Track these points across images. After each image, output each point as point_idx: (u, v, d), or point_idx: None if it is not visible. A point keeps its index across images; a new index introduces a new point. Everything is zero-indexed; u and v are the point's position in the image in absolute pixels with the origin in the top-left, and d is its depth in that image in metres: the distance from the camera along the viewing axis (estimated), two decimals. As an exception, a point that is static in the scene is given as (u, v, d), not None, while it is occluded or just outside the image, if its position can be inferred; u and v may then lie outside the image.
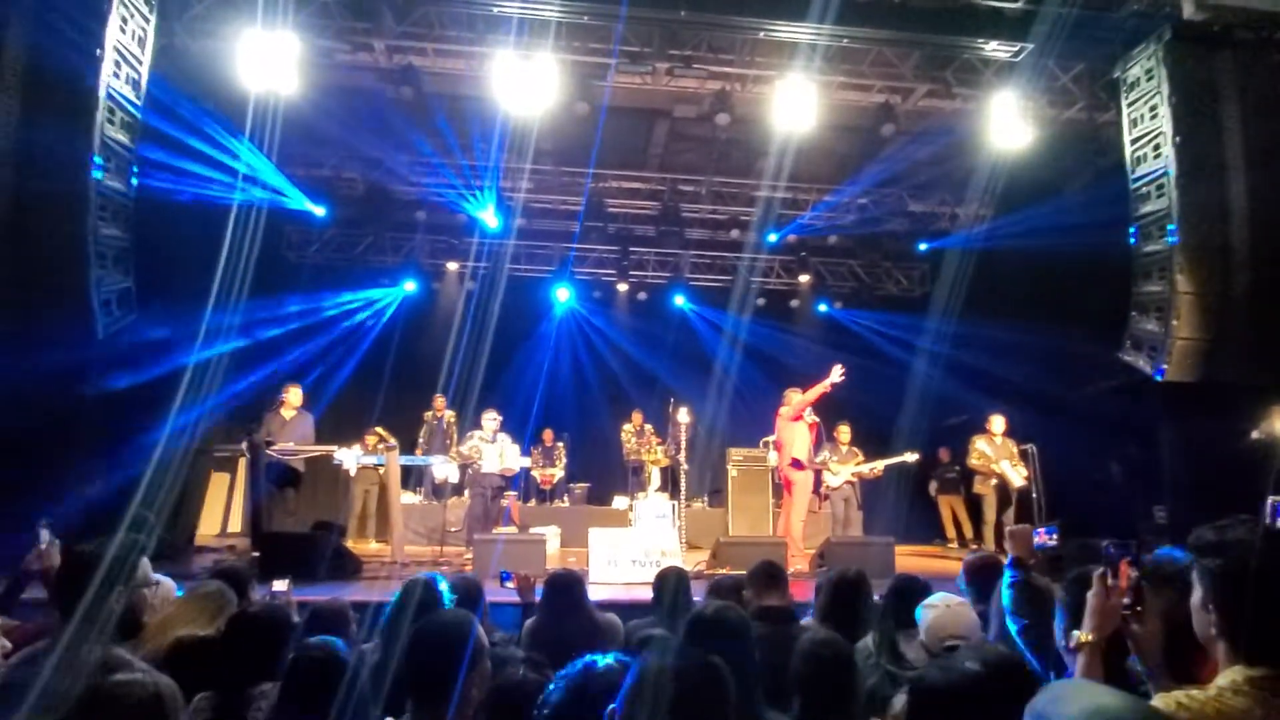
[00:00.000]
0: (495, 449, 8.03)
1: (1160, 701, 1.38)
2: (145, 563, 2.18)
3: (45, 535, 3.28)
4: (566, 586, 3.02)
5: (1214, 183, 6.84)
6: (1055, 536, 3.38)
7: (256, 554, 6.24)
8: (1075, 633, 1.73)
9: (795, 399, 7.56)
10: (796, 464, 7.48)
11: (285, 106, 7.40)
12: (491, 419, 8.14)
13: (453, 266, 11.79)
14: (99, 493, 5.54)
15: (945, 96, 8.27)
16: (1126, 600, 1.70)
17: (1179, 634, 1.67)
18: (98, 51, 5.70)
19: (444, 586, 2.87)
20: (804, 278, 12.22)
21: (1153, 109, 7.10)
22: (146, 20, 6.27)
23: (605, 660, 1.46)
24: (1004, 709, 1.15)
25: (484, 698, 1.92)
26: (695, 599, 3.38)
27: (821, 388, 7.35)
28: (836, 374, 7.31)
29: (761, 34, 7.40)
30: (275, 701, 1.93)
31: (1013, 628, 2.81)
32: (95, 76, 5.69)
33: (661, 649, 1.25)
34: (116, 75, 5.90)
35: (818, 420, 7.91)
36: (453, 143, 9.36)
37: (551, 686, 1.54)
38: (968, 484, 9.84)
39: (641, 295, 12.38)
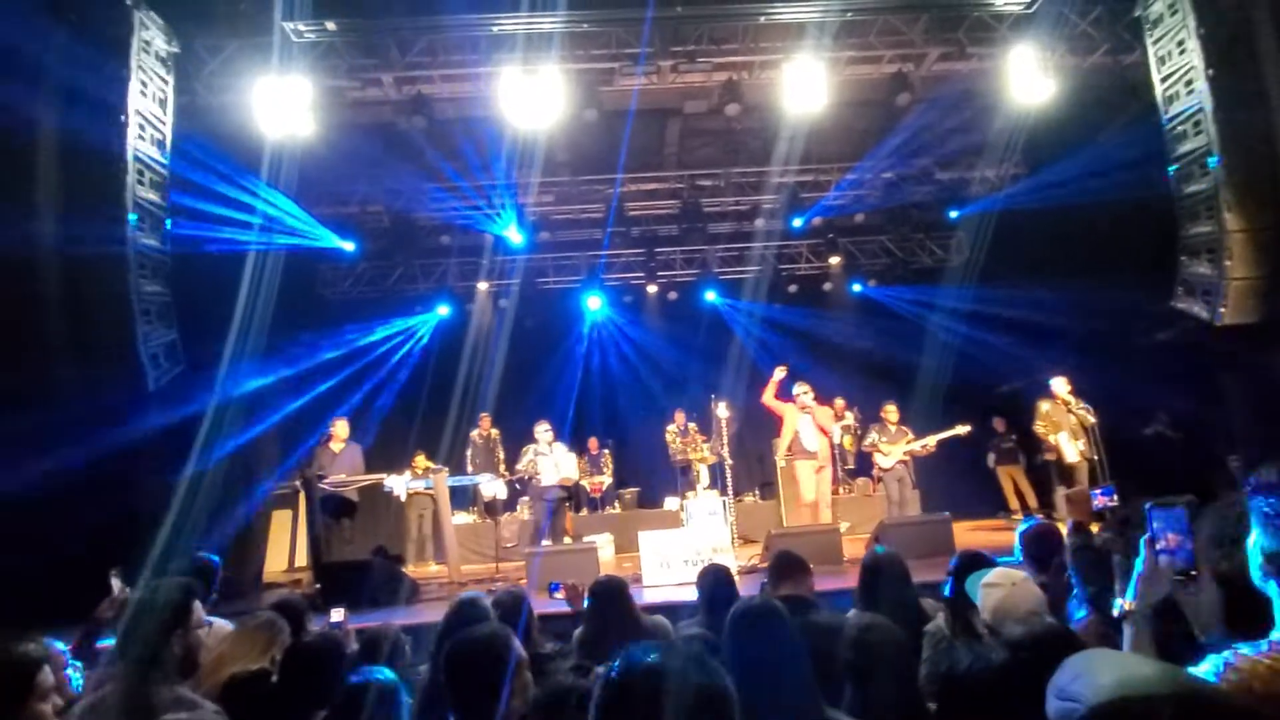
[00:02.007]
0: (551, 460, 8.06)
1: (1207, 666, 1.29)
2: (198, 605, 2.24)
3: (117, 584, 3.38)
4: (610, 592, 3.01)
5: (1254, 112, 6.48)
6: (1113, 497, 3.25)
7: (319, 585, 6.40)
8: (1119, 601, 1.64)
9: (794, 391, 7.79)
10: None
11: (305, 149, 7.63)
12: (545, 430, 8.18)
13: (483, 287, 11.94)
14: (171, 540, 5.76)
15: (959, 58, 8.05)
16: (1179, 565, 1.59)
17: (1239, 593, 1.57)
18: (122, 118, 5.95)
19: (488, 602, 2.90)
20: (834, 259, 12.01)
21: (1180, 44, 6.79)
22: (165, 82, 6.52)
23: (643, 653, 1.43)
24: (1031, 695, 1.09)
25: (529, 706, 1.93)
26: (744, 593, 3.33)
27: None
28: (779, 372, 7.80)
29: (762, 19, 7.32)
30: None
31: (1082, 595, 2.70)
32: (122, 142, 5.95)
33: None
34: (142, 138, 6.14)
35: (809, 405, 7.82)
36: (470, 164, 9.49)
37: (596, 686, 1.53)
38: (1027, 453, 9.56)
39: (672, 295, 12.34)
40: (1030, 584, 2.52)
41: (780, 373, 7.79)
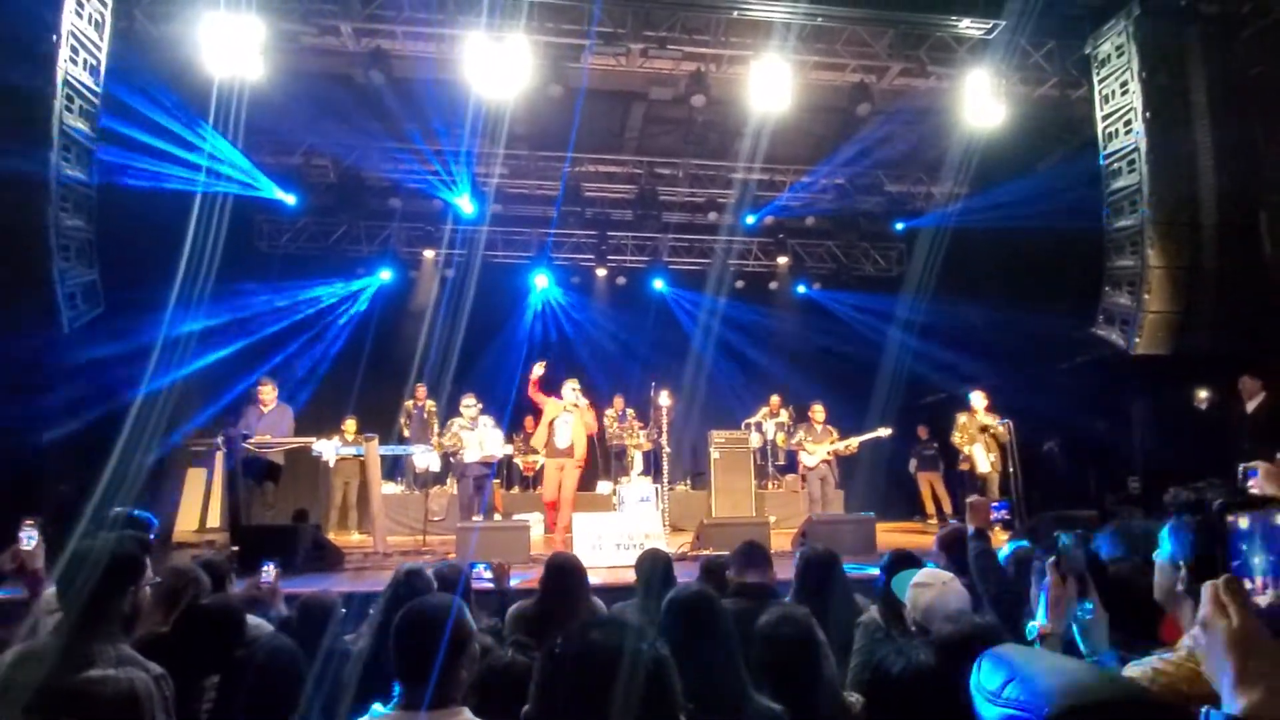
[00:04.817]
0: (475, 437, 7.96)
1: (1134, 672, 1.37)
2: (147, 560, 2.13)
3: (30, 536, 3.09)
4: (567, 569, 2.95)
5: (1184, 157, 6.94)
6: (1005, 512, 3.49)
7: (235, 548, 6.16)
8: (1033, 624, 1.71)
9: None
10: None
11: (252, 92, 7.24)
12: (469, 404, 8.05)
13: (429, 254, 11.65)
14: (72, 491, 5.43)
15: (920, 75, 8.28)
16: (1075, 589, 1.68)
17: (1127, 611, 1.68)
18: (54, 38, 5.52)
19: (430, 573, 2.85)
20: (782, 259, 12.24)
21: (1124, 85, 7.18)
22: (104, 4, 6.08)
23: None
24: (957, 694, 1.09)
25: (473, 679, 1.92)
26: (681, 579, 3.38)
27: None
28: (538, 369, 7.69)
29: (735, 13, 7.37)
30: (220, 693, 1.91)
31: (983, 595, 2.84)
32: (52, 64, 5.52)
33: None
34: (74, 61, 5.72)
35: (577, 404, 7.82)
36: (426, 128, 9.22)
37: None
38: (947, 461, 9.98)
39: (620, 280, 12.33)
40: (958, 584, 2.63)
41: (539, 369, 7.67)
